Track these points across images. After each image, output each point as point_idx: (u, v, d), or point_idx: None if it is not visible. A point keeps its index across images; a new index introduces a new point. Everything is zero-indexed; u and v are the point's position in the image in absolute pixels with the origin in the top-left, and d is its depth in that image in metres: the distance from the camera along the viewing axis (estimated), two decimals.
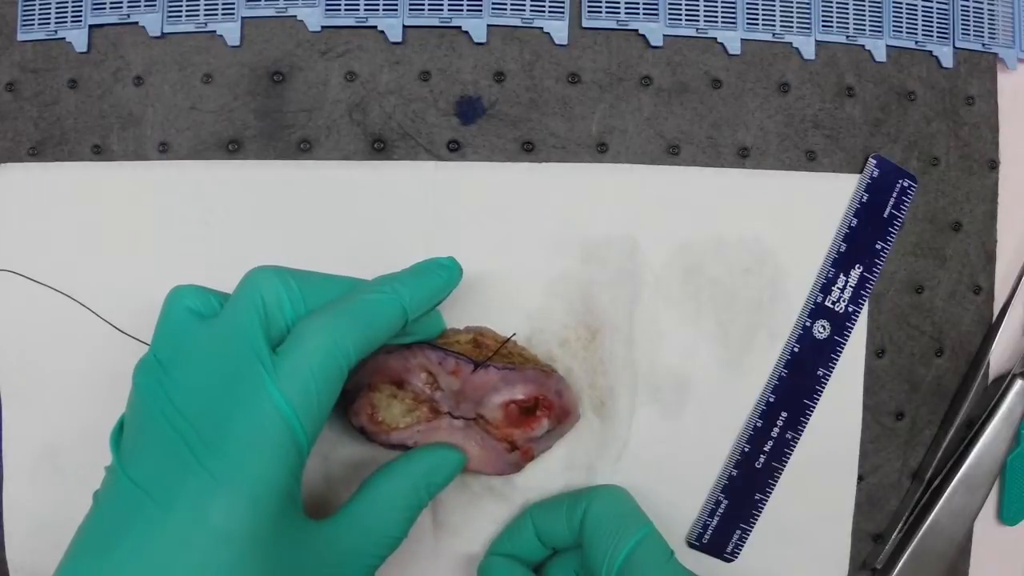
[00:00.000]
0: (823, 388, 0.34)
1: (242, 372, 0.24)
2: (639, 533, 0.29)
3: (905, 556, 0.35)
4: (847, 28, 0.35)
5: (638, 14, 0.34)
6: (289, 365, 0.24)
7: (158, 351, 0.26)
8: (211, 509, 0.23)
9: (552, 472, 0.34)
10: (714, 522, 0.34)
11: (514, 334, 0.32)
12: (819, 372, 0.34)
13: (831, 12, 0.35)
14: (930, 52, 0.35)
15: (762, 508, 0.34)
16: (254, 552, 0.23)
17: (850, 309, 0.34)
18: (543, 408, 0.31)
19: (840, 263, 0.34)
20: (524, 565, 0.32)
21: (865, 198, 0.35)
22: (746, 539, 0.34)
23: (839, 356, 0.34)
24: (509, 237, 0.33)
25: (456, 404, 0.30)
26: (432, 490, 0.29)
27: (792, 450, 0.34)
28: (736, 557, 0.35)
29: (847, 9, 0.35)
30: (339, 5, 0.33)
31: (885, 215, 0.35)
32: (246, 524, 0.23)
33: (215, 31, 0.33)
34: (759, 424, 0.34)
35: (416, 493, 0.28)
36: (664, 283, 0.34)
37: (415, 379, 0.30)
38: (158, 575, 0.22)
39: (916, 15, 0.35)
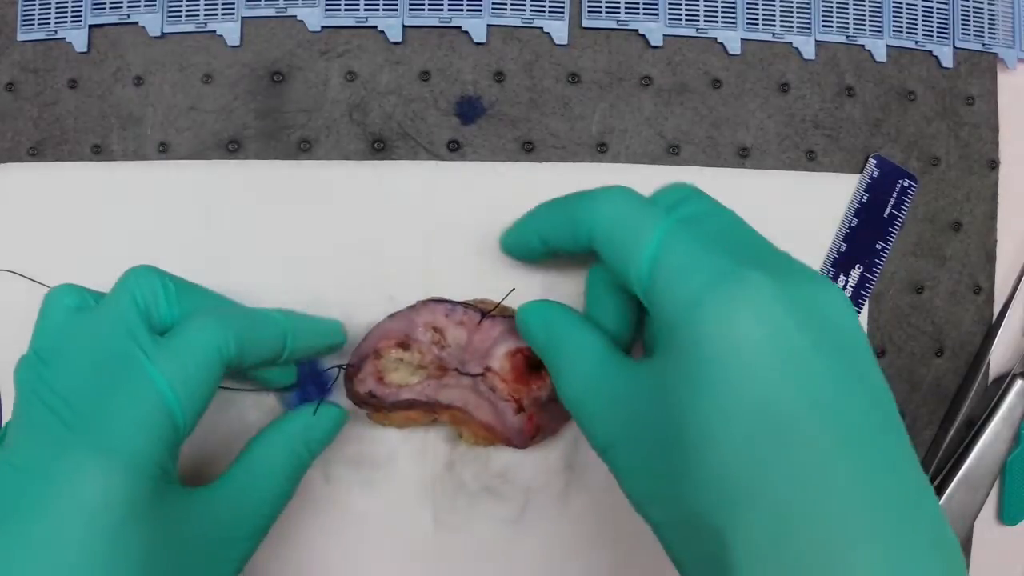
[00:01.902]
0: None
1: (116, 349, 0.25)
2: (653, 242, 0.25)
3: None
4: (847, 28, 0.35)
5: (638, 14, 0.34)
6: (168, 343, 0.25)
7: (37, 346, 0.26)
8: (87, 480, 0.23)
9: (552, 472, 0.34)
10: None
11: (513, 289, 0.32)
12: None
13: (831, 12, 0.35)
14: (930, 52, 0.35)
15: None
16: (132, 522, 0.24)
17: None
18: None
19: (840, 263, 0.34)
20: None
21: (865, 198, 0.35)
22: None
23: None
24: None
25: (463, 361, 0.31)
26: (313, 447, 0.29)
27: None
28: None
29: (847, 9, 0.35)
30: (339, 5, 0.33)
31: (885, 215, 0.35)
32: (123, 493, 0.23)
33: (215, 31, 0.33)
34: None
35: (294, 451, 0.29)
36: None
37: (422, 336, 0.31)
38: (42, 551, 0.23)
39: (916, 15, 0.35)
